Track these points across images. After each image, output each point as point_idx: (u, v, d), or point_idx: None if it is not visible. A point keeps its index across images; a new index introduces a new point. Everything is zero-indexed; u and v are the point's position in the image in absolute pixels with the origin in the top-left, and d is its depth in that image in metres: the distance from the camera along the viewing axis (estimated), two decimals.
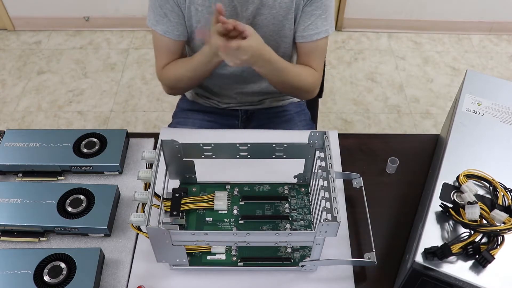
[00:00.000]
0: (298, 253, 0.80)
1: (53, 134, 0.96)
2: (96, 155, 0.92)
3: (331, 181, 0.72)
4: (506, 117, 0.89)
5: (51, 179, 0.91)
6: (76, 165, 0.91)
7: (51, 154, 0.92)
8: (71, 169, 0.92)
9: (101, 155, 0.92)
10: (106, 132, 0.96)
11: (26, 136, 0.95)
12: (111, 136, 0.95)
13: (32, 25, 2.51)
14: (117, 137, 0.95)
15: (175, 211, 0.81)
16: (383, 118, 2.12)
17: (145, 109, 2.13)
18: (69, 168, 0.92)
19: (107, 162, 0.92)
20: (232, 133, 1.07)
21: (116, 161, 0.92)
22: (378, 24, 2.52)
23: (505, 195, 0.75)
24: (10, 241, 0.83)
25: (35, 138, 0.94)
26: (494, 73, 2.34)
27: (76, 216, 0.83)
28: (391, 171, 0.96)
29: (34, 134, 0.95)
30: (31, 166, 0.91)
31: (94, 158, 0.92)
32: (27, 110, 2.12)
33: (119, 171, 0.93)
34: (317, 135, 0.80)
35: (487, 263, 0.67)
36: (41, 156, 0.91)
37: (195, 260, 0.80)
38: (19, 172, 0.92)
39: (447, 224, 0.73)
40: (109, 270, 0.80)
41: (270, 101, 1.24)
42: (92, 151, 0.93)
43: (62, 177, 0.92)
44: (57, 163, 0.91)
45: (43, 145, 0.93)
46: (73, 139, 0.94)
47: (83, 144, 0.94)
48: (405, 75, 2.32)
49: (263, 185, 0.89)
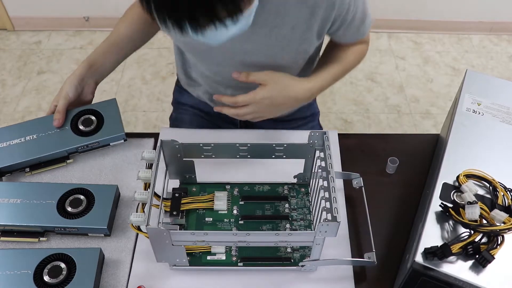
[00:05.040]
0: (298, 253, 0.80)
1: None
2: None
3: (331, 181, 0.72)
4: (506, 117, 0.89)
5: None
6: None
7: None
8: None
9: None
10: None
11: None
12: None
13: (32, 25, 2.51)
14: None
15: (175, 211, 0.81)
16: (383, 118, 2.12)
17: (145, 109, 2.13)
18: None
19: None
20: (232, 133, 1.07)
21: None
22: (378, 24, 2.52)
23: (505, 195, 0.75)
24: (10, 241, 0.83)
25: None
26: (494, 73, 2.34)
27: (76, 216, 0.83)
28: (391, 171, 0.96)
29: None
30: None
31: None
32: (27, 110, 2.12)
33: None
34: (317, 135, 0.80)
35: (487, 263, 0.67)
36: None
37: (195, 260, 0.79)
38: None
39: (447, 224, 0.73)
40: (109, 270, 0.80)
41: None
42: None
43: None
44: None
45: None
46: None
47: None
48: (405, 75, 2.32)
49: (263, 185, 0.89)
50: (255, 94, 0.85)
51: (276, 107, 0.88)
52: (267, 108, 0.88)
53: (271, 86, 0.85)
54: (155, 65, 2.33)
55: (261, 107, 0.87)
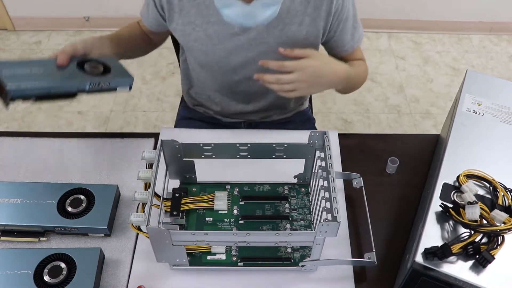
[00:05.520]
0: (298, 253, 0.80)
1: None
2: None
3: (331, 181, 0.72)
4: (506, 117, 0.89)
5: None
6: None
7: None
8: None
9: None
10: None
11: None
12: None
13: (32, 25, 2.51)
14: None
15: (175, 211, 0.81)
16: (383, 118, 2.12)
17: (145, 109, 2.13)
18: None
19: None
20: (232, 133, 1.07)
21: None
22: (378, 24, 2.52)
23: (505, 195, 0.75)
24: (10, 241, 0.83)
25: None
26: (494, 73, 2.34)
27: (76, 216, 0.83)
28: (391, 171, 0.96)
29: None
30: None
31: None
32: (27, 110, 2.12)
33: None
34: (317, 135, 0.80)
35: (487, 263, 0.67)
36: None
37: (195, 260, 0.80)
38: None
39: (447, 224, 0.73)
40: (109, 270, 0.80)
41: (276, 115, 1.20)
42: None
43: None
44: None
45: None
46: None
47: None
48: (405, 75, 2.32)
49: (263, 185, 0.89)
50: (301, 62, 0.88)
51: (317, 78, 0.90)
52: (309, 78, 0.88)
53: (316, 57, 0.90)
54: (155, 65, 2.33)
55: (304, 76, 0.88)
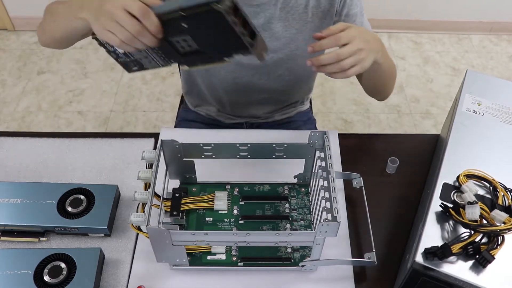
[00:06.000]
0: (298, 253, 0.80)
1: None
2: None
3: (331, 181, 0.72)
4: (506, 117, 0.89)
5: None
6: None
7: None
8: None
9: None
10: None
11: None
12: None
13: (32, 25, 2.51)
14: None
15: (175, 211, 0.81)
16: (383, 118, 2.12)
17: (145, 109, 2.13)
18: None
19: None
20: (232, 133, 1.07)
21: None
22: (378, 24, 2.52)
23: (505, 195, 0.75)
24: (10, 241, 0.83)
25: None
26: (494, 73, 2.34)
27: (76, 216, 0.83)
28: (391, 171, 0.96)
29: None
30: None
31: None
32: (27, 110, 2.12)
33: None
34: (317, 135, 0.80)
35: (487, 263, 0.67)
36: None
37: (195, 260, 0.79)
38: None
39: (447, 224, 0.73)
40: (109, 270, 0.80)
41: (278, 115, 1.21)
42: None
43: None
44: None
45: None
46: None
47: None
48: (405, 75, 2.32)
49: (263, 185, 0.89)
50: (349, 31, 0.81)
51: (368, 44, 0.82)
52: (365, 44, 0.81)
53: (352, 25, 0.83)
54: None
55: (361, 43, 0.80)
